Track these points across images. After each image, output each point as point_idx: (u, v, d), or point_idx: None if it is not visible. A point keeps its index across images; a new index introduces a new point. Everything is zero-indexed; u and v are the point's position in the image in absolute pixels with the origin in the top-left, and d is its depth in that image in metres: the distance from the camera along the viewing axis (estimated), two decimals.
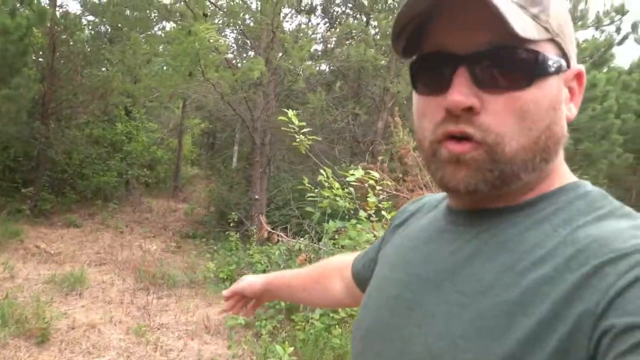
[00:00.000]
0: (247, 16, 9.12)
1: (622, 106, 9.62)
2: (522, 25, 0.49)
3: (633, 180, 10.75)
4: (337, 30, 10.47)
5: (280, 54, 8.55)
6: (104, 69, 11.98)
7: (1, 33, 6.83)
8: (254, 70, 6.84)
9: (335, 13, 12.96)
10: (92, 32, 12.15)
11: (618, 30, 10.32)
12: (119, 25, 11.14)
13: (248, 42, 10.75)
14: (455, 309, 0.54)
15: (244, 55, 12.81)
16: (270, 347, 3.82)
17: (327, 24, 12.64)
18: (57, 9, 10.19)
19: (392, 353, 0.59)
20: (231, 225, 7.52)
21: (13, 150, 9.64)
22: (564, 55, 0.55)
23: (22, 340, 4.22)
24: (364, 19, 11.18)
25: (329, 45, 11.96)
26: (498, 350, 0.48)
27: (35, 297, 5.01)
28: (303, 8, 11.74)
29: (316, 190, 3.50)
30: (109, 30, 12.02)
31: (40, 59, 10.26)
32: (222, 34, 8.80)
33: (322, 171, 3.51)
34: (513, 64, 0.51)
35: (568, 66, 0.56)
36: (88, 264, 6.84)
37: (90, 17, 11.83)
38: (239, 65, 10.07)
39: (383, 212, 3.25)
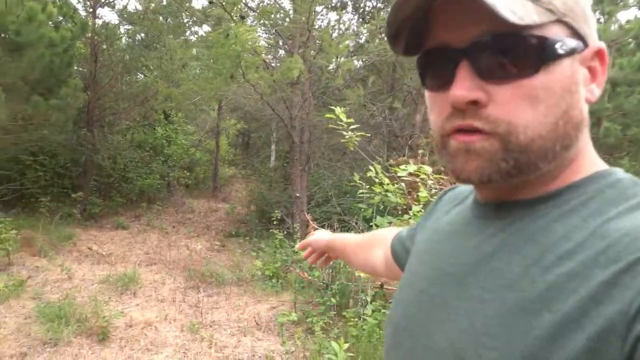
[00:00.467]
0: (278, 16, 9.19)
1: None
2: (519, 11, 0.47)
3: None
4: (369, 24, 10.41)
5: (314, 52, 8.57)
6: (141, 75, 12.34)
7: (48, 46, 7.10)
8: (293, 69, 6.89)
9: (366, 8, 12.90)
10: (130, 40, 12.51)
11: None
12: (155, 32, 11.44)
13: (280, 41, 10.83)
14: (477, 305, 0.52)
15: (277, 55, 12.91)
16: (324, 343, 3.86)
17: (360, 19, 12.61)
18: (96, 19, 10.53)
19: (418, 348, 0.59)
20: (274, 223, 7.61)
21: (62, 157, 10.04)
22: (577, 34, 0.52)
23: (84, 338, 4.42)
24: None
25: (359, 41, 11.92)
26: (521, 347, 0.46)
27: (92, 297, 5.22)
28: (334, 5, 11.74)
29: (367, 187, 3.50)
30: (145, 37, 12.34)
31: (82, 69, 10.64)
32: (256, 35, 8.88)
33: (371, 167, 3.52)
34: (515, 52, 0.49)
35: (585, 45, 0.53)
36: (138, 264, 7.08)
37: (127, 26, 12.20)
38: (272, 65, 10.17)
39: None
